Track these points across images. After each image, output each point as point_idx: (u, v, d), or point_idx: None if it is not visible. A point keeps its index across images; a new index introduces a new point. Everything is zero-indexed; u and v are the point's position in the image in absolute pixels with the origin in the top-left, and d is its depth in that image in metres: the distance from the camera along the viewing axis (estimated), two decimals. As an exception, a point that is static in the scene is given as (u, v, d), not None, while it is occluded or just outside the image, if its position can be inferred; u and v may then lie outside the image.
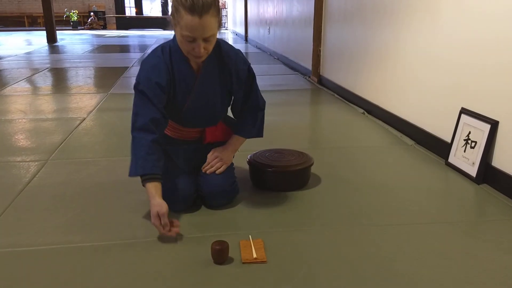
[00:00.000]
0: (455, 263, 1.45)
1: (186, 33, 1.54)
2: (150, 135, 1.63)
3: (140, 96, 1.66)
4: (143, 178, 1.61)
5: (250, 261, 1.43)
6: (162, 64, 1.67)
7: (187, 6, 1.50)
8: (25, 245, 1.55)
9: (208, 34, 1.56)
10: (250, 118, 1.89)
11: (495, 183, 2.02)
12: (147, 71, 1.68)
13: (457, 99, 2.32)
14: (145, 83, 1.65)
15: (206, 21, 1.52)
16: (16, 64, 6.44)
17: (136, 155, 1.62)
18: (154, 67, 1.67)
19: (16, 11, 16.81)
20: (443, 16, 2.43)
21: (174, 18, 1.57)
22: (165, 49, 1.70)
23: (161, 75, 1.66)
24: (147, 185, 1.60)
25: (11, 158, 2.45)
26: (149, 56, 1.73)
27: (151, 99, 1.64)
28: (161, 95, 1.66)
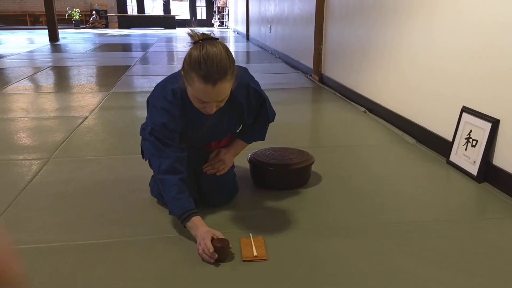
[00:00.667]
0: (456, 261, 1.45)
1: (198, 96, 1.46)
2: (177, 174, 1.57)
3: (156, 140, 1.58)
4: (184, 217, 1.52)
5: (250, 259, 1.44)
6: (175, 110, 1.58)
7: (201, 75, 1.40)
8: (26, 243, 1.56)
9: (221, 98, 1.48)
10: (258, 127, 1.89)
11: (496, 182, 2.02)
12: (160, 116, 1.58)
13: (458, 98, 2.32)
14: (161, 130, 1.57)
15: (220, 88, 1.43)
16: (18, 62, 6.45)
17: (169, 197, 1.56)
18: (168, 113, 1.58)
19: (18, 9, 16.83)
20: (443, 14, 2.42)
21: (186, 78, 1.47)
22: (176, 93, 1.58)
23: (176, 121, 1.58)
24: (193, 219, 1.51)
25: (13, 156, 2.46)
26: (159, 99, 1.61)
27: (169, 143, 1.58)
28: (177, 137, 1.61)
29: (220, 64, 1.40)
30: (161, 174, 1.58)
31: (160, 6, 18.94)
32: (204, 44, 1.42)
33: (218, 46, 1.43)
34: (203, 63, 1.39)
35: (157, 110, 1.60)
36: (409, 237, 1.60)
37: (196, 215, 1.53)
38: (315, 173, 2.16)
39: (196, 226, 1.50)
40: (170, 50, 8.79)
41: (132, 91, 4.38)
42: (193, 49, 1.44)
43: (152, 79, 5.05)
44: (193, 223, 1.50)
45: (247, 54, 7.74)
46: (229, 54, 1.45)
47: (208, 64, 1.38)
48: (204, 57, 1.39)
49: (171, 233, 1.62)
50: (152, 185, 1.92)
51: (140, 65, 6.29)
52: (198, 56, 1.40)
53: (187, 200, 1.55)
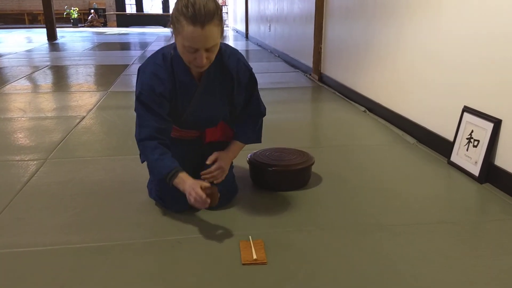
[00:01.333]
0: (458, 263, 1.43)
1: (188, 43, 1.48)
2: (157, 140, 1.63)
3: (142, 107, 1.63)
4: (170, 176, 1.59)
5: (250, 262, 1.42)
6: (164, 73, 1.63)
7: (188, 16, 1.43)
8: (23, 246, 1.53)
9: (211, 45, 1.50)
10: (251, 123, 1.86)
11: (498, 182, 2.01)
12: (148, 80, 1.62)
13: (459, 97, 2.30)
14: (148, 94, 1.61)
15: (208, 32, 1.46)
16: (16, 61, 6.42)
17: (152, 161, 1.63)
18: (156, 76, 1.62)
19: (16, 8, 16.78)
20: (445, 13, 2.40)
21: (175, 27, 1.51)
22: (166, 57, 1.64)
23: (164, 85, 1.62)
24: (180, 175, 1.59)
25: (10, 157, 2.44)
26: (149, 63, 1.67)
27: (155, 110, 1.62)
28: (164, 104, 1.64)
29: (207, 7, 1.45)
30: (141, 141, 1.65)
31: (159, 5, 18.90)
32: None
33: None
34: (190, 6, 1.44)
35: (145, 74, 1.65)
36: (411, 239, 1.58)
37: (182, 172, 1.60)
38: (315, 174, 2.14)
39: (184, 180, 1.58)
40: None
41: (130, 91, 4.35)
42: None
43: (150, 78, 5.02)
44: (181, 178, 1.58)
45: (246, 53, 7.71)
46: (215, 2, 1.50)
47: (195, 7, 1.44)
48: (191, 2, 1.45)
49: (169, 236, 1.59)
50: (150, 187, 1.89)
51: (138, 64, 6.25)
52: (186, 2, 1.45)
53: (171, 160, 1.62)
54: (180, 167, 1.61)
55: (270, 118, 3.22)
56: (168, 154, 1.63)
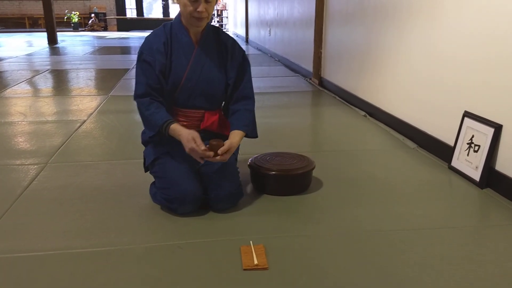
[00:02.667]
0: (459, 268, 1.43)
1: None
2: (149, 97, 1.78)
3: (141, 64, 1.80)
4: (166, 124, 1.72)
5: (251, 267, 1.41)
6: (162, 33, 1.83)
7: None
8: (24, 251, 1.53)
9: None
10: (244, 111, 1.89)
11: (499, 188, 2.00)
12: (148, 41, 1.83)
13: (460, 102, 2.30)
14: (147, 51, 1.79)
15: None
16: (17, 65, 6.43)
17: (147, 115, 1.77)
18: (155, 36, 1.83)
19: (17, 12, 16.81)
20: (445, 18, 2.41)
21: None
22: (166, 24, 1.86)
23: (160, 41, 1.80)
24: (172, 126, 1.72)
25: (10, 161, 2.44)
26: (152, 32, 1.88)
27: (152, 66, 1.78)
28: (161, 60, 1.79)
29: None
30: (137, 98, 1.80)
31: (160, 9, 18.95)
32: None
33: None
34: None
35: (147, 39, 1.85)
36: (412, 245, 1.58)
37: (176, 123, 1.75)
38: (316, 178, 2.13)
39: (180, 128, 1.72)
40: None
41: (131, 95, 4.34)
42: None
43: (151, 82, 5.02)
44: (176, 126, 1.72)
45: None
46: None
47: None
48: None
49: (170, 241, 1.59)
50: (153, 192, 1.89)
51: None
52: None
53: (166, 113, 1.76)
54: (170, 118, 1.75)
55: (270, 122, 3.24)
56: (162, 108, 1.78)
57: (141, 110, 1.80)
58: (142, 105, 1.79)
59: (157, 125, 1.74)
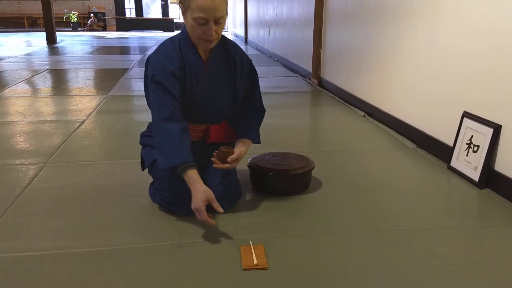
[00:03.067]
0: (458, 268, 1.43)
1: (198, 15, 1.57)
2: (179, 124, 1.64)
3: (158, 87, 1.67)
4: (183, 167, 1.60)
5: (250, 267, 1.41)
6: (174, 53, 1.71)
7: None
8: (23, 250, 1.53)
9: (219, 15, 1.59)
10: (255, 122, 1.91)
11: (498, 188, 2.01)
12: (160, 61, 1.70)
13: (459, 103, 2.30)
14: (161, 74, 1.67)
15: (217, 1, 1.57)
16: (16, 65, 6.42)
17: (168, 146, 1.63)
18: (167, 57, 1.70)
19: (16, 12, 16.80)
20: (444, 17, 2.41)
21: (184, 3, 1.60)
22: (174, 41, 1.75)
23: (174, 64, 1.69)
24: (189, 172, 1.60)
25: (9, 161, 2.44)
26: (160, 48, 1.76)
27: (169, 89, 1.67)
28: (176, 83, 1.70)
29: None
30: (163, 123, 1.64)
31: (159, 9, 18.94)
32: None
33: None
34: None
35: (156, 57, 1.72)
36: (412, 245, 1.58)
37: (195, 169, 1.62)
38: (315, 178, 2.14)
39: (196, 181, 1.60)
40: (168, 53, 8.75)
41: (130, 95, 4.36)
42: None
43: (150, 82, 5.02)
44: (193, 176, 1.60)
45: (245, 57, 7.72)
46: None
47: None
48: None
49: (169, 240, 1.59)
50: (152, 192, 1.89)
51: (138, 68, 6.26)
52: None
53: (188, 152, 1.62)
54: (194, 163, 1.63)
55: (269, 122, 3.24)
56: (187, 144, 1.63)
57: (162, 137, 1.64)
58: (166, 133, 1.62)
59: (171, 162, 1.61)
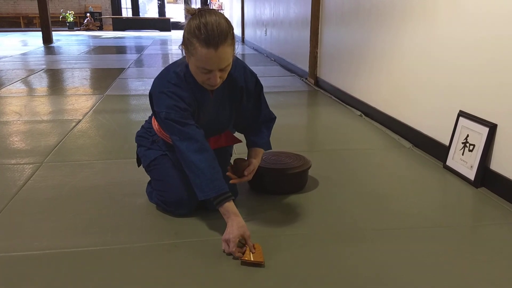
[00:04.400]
0: (454, 267, 1.44)
1: (201, 65, 1.48)
2: (207, 152, 1.56)
3: (175, 123, 1.57)
4: (220, 199, 1.53)
5: (247, 260, 1.42)
6: (183, 91, 1.60)
7: (201, 38, 1.42)
8: (19, 250, 1.52)
9: (224, 65, 1.50)
10: (266, 131, 1.89)
11: (494, 187, 2.02)
12: (171, 100, 1.58)
13: (455, 102, 2.31)
14: (175, 112, 1.57)
15: (222, 53, 1.45)
16: (12, 65, 6.40)
17: (201, 179, 1.53)
18: (177, 95, 1.59)
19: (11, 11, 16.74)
20: (440, 18, 2.42)
21: (187, 48, 1.50)
22: (179, 76, 1.61)
23: (186, 102, 1.60)
24: (226, 205, 1.53)
25: (5, 160, 2.43)
26: (164, 84, 1.62)
27: (186, 122, 1.58)
28: (190, 116, 1.62)
29: (220, 28, 1.43)
30: (192, 155, 1.54)
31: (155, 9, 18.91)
32: (202, 13, 1.47)
33: (216, 13, 1.48)
34: (203, 28, 1.42)
35: (166, 95, 1.59)
36: (407, 243, 1.58)
37: (231, 199, 1.54)
38: (312, 178, 2.14)
39: (232, 213, 1.52)
40: (165, 52, 8.77)
41: (126, 94, 4.35)
42: (192, 19, 1.48)
43: (146, 81, 5.02)
44: (232, 209, 1.53)
45: (242, 57, 7.72)
46: (227, 20, 1.48)
47: (208, 28, 1.42)
48: (203, 23, 1.43)
49: (166, 240, 1.59)
50: (149, 191, 1.89)
51: (134, 67, 6.26)
52: (198, 23, 1.44)
53: (222, 182, 1.55)
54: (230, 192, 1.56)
55: (266, 122, 3.24)
56: (220, 173, 1.56)
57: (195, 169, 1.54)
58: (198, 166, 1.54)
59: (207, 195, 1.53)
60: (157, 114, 1.63)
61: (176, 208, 1.74)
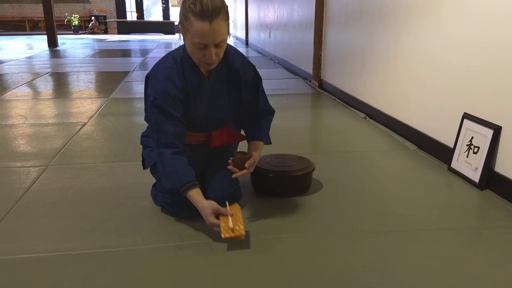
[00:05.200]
0: (458, 269, 1.43)
1: (197, 40, 1.52)
2: (174, 149, 1.64)
3: (158, 111, 1.63)
4: (183, 189, 1.61)
5: (229, 236, 1.49)
6: (176, 75, 1.65)
7: (196, 12, 1.48)
8: (24, 252, 1.53)
9: (219, 40, 1.54)
10: (265, 123, 1.91)
11: (498, 189, 2.01)
12: (162, 84, 1.64)
13: (459, 104, 2.31)
14: (163, 98, 1.62)
15: (216, 26, 1.50)
16: (17, 68, 6.44)
17: (168, 170, 1.63)
18: (169, 80, 1.64)
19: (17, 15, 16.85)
20: (444, 20, 2.42)
21: (184, 26, 1.55)
22: (176, 60, 1.67)
23: (177, 87, 1.64)
24: (190, 193, 1.61)
25: (11, 163, 2.45)
26: (160, 67, 1.69)
27: (171, 113, 1.63)
28: (179, 106, 1.66)
29: (214, 2, 1.50)
30: (160, 148, 1.64)
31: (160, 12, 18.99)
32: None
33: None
34: (198, 3, 1.49)
35: (158, 79, 1.66)
36: (412, 245, 1.58)
37: (195, 187, 1.62)
38: (316, 180, 2.14)
39: (199, 199, 1.61)
40: (169, 55, 8.77)
41: (131, 97, 4.37)
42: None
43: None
44: (193, 197, 1.61)
45: (246, 59, 7.73)
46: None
47: (203, 3, 1.49)
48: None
49: (170, 242, 1.60)
50: (154, 193, 1.90)
51: (139, 70, 6.28)
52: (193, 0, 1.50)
53: (187, 171, 1.63)
54: (196, 180, 1.63)
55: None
56: (184, 164, 1.64)
57: (162, 163, 1.65)
58: (163, 157, 1.63)
59: (174, 184, 1.62)
60: (147, 98, 1.68)
61: (182, 210, 1.75)
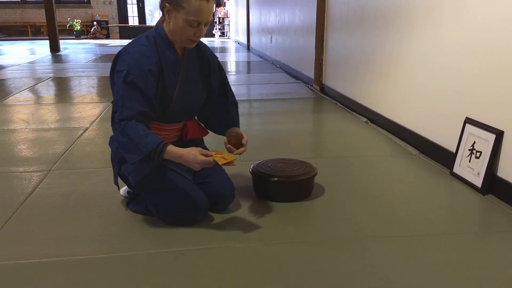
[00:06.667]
0: (461, 274, 1.43)
1: (193, 17, 1.60)
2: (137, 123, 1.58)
3: (129, 87, 1.59)
4: (159, 149, 1.55)
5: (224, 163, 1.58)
6: (150, 52, 1.66)
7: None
8: (27, 258, 1.53)
9: (211, 19, 1.65)
10: (234, 111, 1.96)
11: (501, 194, 2.00)
12: (135, 59, 1.62)
13: (461, 108, 2.31)
14: (137, 73, 1.60)
15: (211, 6, 1.63)
16: (19, 73, 6.46)
17: (135, 137, 1.55)
18: (143, 55, 1.64)
19: (19, 20, 16.91)
20: (445, 24, 2.42)
21: (177, 4, 1.59)
22: (149, 39, 1.70)
23: (152, 62, 1.65)
24: (168, 149, 1.56)
25: (13, 168, 2.45)
26: (132, 45, 1.69)
27: (142, 90, 1.60)
28: (153, 83, 1.65)
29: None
30: (122, 121, 1.57)
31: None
32: None
33: None
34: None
35: (131, 54, 1.65)
36: (415, 251, 1.58)
37: (170, 144, 1.59)
38: (318, 185, 2.14)
39: (178, 149, 1.58)
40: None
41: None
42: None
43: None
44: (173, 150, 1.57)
45: (248, 64, 7.75)
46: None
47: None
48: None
49: (172, 247, 1.59)
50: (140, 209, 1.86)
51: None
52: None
53: (156, 136, 1.59)
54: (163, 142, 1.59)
55: (272, 129, 3.25)
56: (150, 131, 1.59)
57: (125, 133, 1.56)
58: (127, 128, 1.55)
59: (147, 148, 1.54)
60: (117, 74, 1.64)
61: (192, 216, 1.74)
